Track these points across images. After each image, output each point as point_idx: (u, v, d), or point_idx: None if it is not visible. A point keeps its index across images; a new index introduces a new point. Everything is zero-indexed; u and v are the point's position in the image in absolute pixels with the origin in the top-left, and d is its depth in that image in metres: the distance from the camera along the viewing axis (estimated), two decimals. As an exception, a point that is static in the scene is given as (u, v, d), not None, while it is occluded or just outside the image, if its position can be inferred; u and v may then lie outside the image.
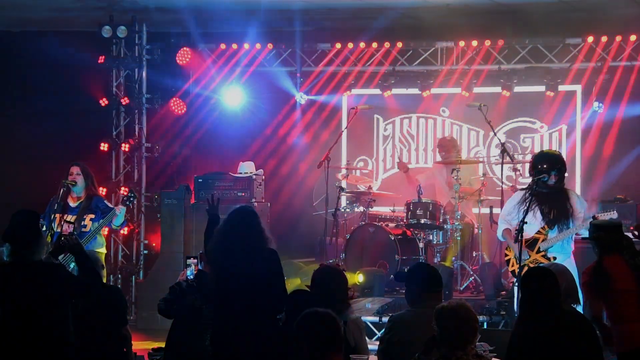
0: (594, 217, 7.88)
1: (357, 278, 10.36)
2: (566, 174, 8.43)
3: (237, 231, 6.22)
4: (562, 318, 5.48)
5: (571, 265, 7.83)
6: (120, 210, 8.85)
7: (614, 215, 8.03)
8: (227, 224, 6.29)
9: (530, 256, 8.21)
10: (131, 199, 9.30)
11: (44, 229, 8.78)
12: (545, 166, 8.19)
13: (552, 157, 8.47)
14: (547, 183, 8.13)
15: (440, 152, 11.83)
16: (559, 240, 8.15)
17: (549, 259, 8.07)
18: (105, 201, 9.12)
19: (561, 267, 6.76)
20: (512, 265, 8.35)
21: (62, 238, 6.31)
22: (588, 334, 5.45)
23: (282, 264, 6.36)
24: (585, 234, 7.85)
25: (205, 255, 6.79)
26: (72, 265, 7.33)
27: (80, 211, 8.89)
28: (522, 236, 7.59)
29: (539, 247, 8.20)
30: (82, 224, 8.85)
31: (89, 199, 8.99)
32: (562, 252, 8.19)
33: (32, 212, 6.10)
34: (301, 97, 13.15)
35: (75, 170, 9.05)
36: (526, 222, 7.74)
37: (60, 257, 7.19)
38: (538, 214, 8.21)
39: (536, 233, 8.22)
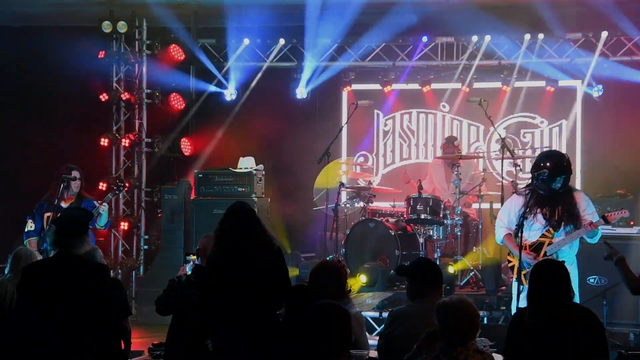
0: (604, 217, 7.49)
1: (359, 279, 10.35)
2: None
3: (238, 229, 6.20)
4: (573, 310, 5.47)
5: (574, 270, 7.52)
6: (103, 209, 9.07)
7: (625, 214, 7.69)
8: (227, 223, 6.25)
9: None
10: (120, 188, 9.61)
11: (32, 228, 8.95)
12: (548, 165, 7.53)
13: (558, 157, 7.76)
14: (552, 187, 7.54)
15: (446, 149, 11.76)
16: (567, 243, 7.53)
17: None
18: (95, 202, 9.25)
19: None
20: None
21: None
22: (596, 327, 5.43)
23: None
24: (591, 240, 7.65)
25: (202, 251, 6.78)
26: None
27: None
28: (522, 232, 7.36)
29: (545, 252, 7.55)
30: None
31: (80, 198, 9.25)
32: (569, 256, 7.59)
33: (87, 211, 6.14)
34: (301, 92, 13.14)
35: (76, 174, 9.30)
36: (526, 219, 7.39)
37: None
38: (540, 216, 7.59)
39: (541, 236, 7.61)
